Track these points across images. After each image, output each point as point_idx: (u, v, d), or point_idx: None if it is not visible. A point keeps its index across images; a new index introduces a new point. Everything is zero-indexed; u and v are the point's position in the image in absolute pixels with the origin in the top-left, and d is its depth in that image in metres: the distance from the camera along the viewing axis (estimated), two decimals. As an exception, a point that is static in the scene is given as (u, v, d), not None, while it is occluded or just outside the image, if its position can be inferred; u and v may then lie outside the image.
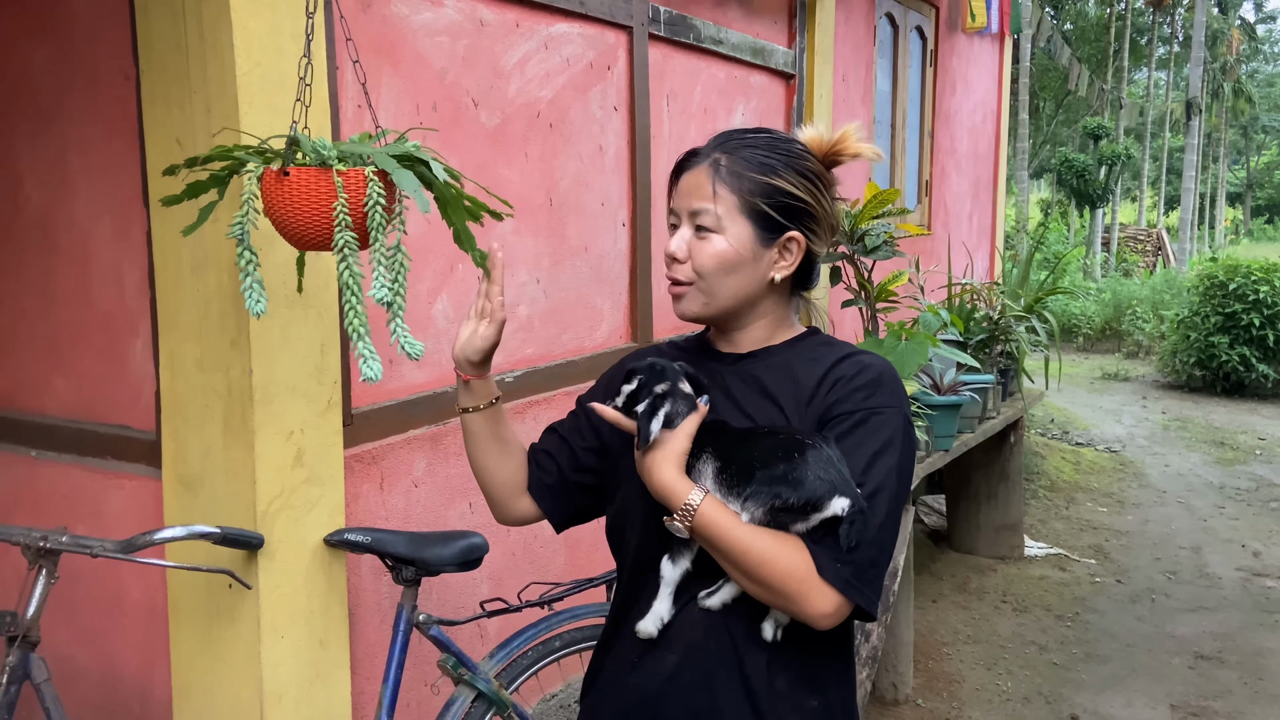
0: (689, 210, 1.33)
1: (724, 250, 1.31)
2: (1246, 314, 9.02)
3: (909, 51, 5.63)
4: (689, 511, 1.23)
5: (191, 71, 1.87)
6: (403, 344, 1.49)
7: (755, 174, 1.32)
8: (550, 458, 1.48)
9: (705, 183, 1.32)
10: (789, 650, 1.30)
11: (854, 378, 1.31)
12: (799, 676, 1.31)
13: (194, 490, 1.99)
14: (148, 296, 2.07)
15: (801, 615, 1.22)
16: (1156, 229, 22.82)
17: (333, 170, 1.45)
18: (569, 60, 2.83)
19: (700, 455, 1.27)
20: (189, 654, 2.04)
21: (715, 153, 1.34)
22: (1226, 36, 29.62)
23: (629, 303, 3.18)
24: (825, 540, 1.21)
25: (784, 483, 1.19)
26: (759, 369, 1.36)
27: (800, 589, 1.20)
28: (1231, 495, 6.27)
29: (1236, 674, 3.81)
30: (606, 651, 1.44)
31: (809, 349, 1.38)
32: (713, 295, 1.33)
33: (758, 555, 1.21)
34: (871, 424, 1.28)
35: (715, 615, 1.30)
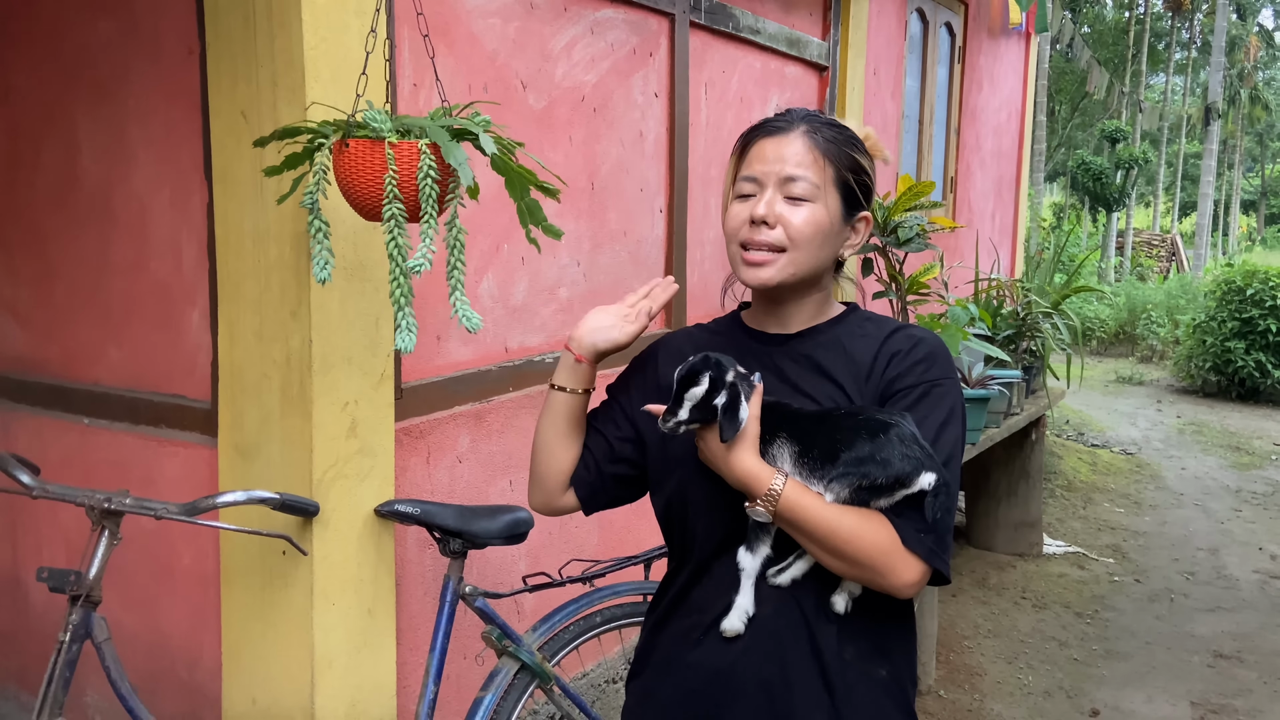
0: (781, 176, 1.31)
1: (822, 219, 1.32)
2: (1263, 319, 9.01)
3: (938, 47, 5.64)
4: (773, 497, 1.24)
5: (259, 46, 1.90)
6: (462, 317, 1.52)
7: (848, 149, 1.35)
8: (587, 450, 1.48)
9: (804, 150, 1.32)
10: (857, 621, 1.32)
11: (911, 351, 1.33)
12: (867, 646, 1.33)
13: (250, 458, 2.02)
14: (205, 267, 2.10)
15: (887, 586, 1.25)
16: (1171, 234, 22.76)
17: (385, 142, 1.48)
18: (613, 45, 2.86)
19: (773, 440, 1.28)
20: (240, 619, 2.07)
21: (804, 124, 1.34)
22: (1245, 43, 29.49)
23: (665, 288, 3.20)
24: (906, 512, 1.24)
25: (872, 463, 1.22)
26: (810, 348, 1.37)
27: (888, 561, 1.23)
28: (1248, 499, 6.28)
29: (1256, 673, 3.83)
30: (661, 631, 1.44)
31: (856, 325, 1.39)
32: (800, 265, 1.33)
33: (846, 533, 1.23)
34: (934, 395, 1.31)
35: (784, 590, 1.31)
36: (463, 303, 1.53)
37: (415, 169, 1.48)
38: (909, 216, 3.34)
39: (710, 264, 3.48)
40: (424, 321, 2.29)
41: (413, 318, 1.50)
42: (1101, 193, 18.21)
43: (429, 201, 1.47)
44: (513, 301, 2.57)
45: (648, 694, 1.44)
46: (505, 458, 2.55)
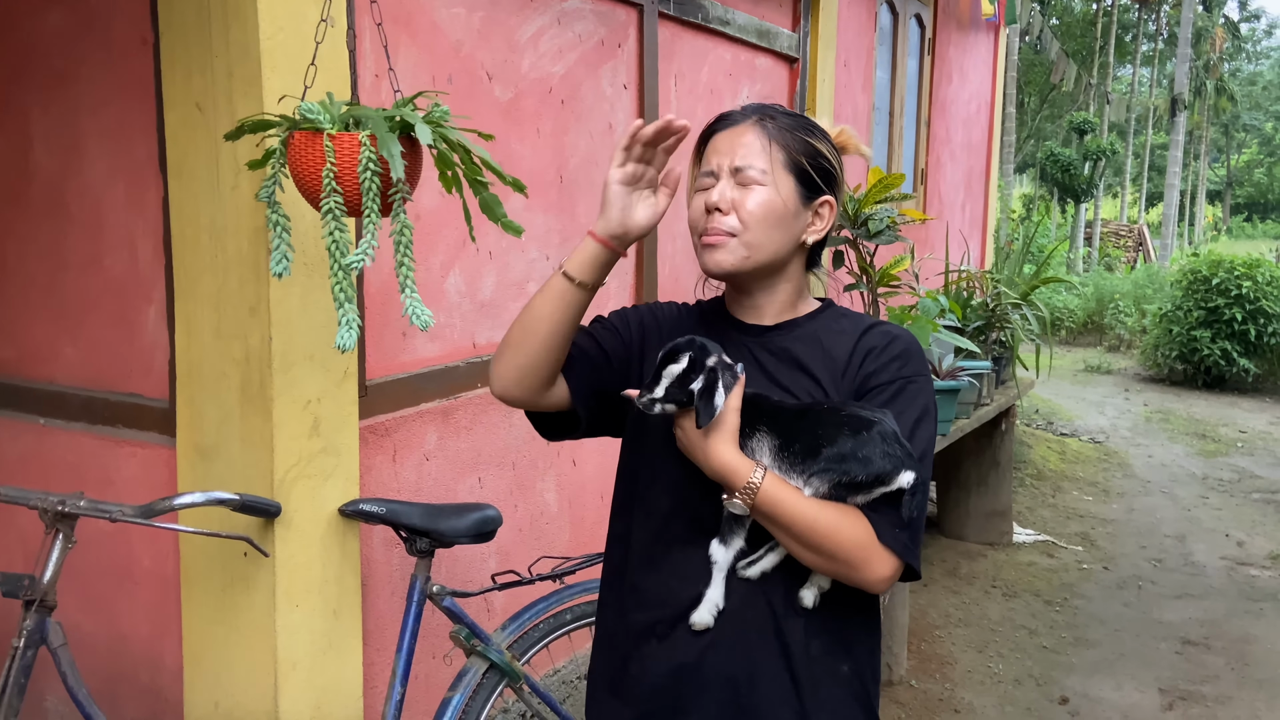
0: (732, 166, 1.33)
1: (773, 200, 1.32)
2: (1229, 309, 9.13)
3: (908, 39, 5.64)
4: (752, 490, 1.24)
5: (213, 37, 1.85)
6: (413, 315, 1.49)
7: (801, 134, 1.36)
8: (595, 342, 1.43)
9: (753, 138, 1.34)
10: (823, 615, 1.32)
11: (886, 348, 1.35)
12: (831, 641, 1.33)
13: (209, 458, 1.98)
14: (162, 263, 2.05)
15: (860, 581, 1.26)
16: (1138, 225, 23.02)
17: (324, 134, 1.45)
18: (581, 36, 2.82)
19: (754, 433, 1.27)
20: (202, 622, 2.03)
21: (755, 115, 1.36)
22: (1210, 34, 29.84)
23: (635, 282, 3.18)
24: (881, 508, 1.25)
25: (854, 460, 1.22)
26: (788, 341, 1.38)
27: (864, 556, 1.24)
28: (1214, 486, 6.36)
29: (1223, 660, 3.87)
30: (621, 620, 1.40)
31: (832, 320, 1.40)
32: (754, 248, 1.33)
33: (823, 528, 1.23)
34: (909, 392, 1.32)
35: (752, 584, 1.31)
36: (413, 300, 1.50)
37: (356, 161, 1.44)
38: (879, 209, 3.34)
39: (681, 257, 3.46)
40: (388, 318, 2.26)
41: (355, 314, 1.47)
42: (1070, 184, 18.37)
43: (369, 195, 1.43)
44: (480, 297, 2.54)
45: (611, 684, 1.42)
46: (474, 455, 2.52)
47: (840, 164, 1.40)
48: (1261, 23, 40.86)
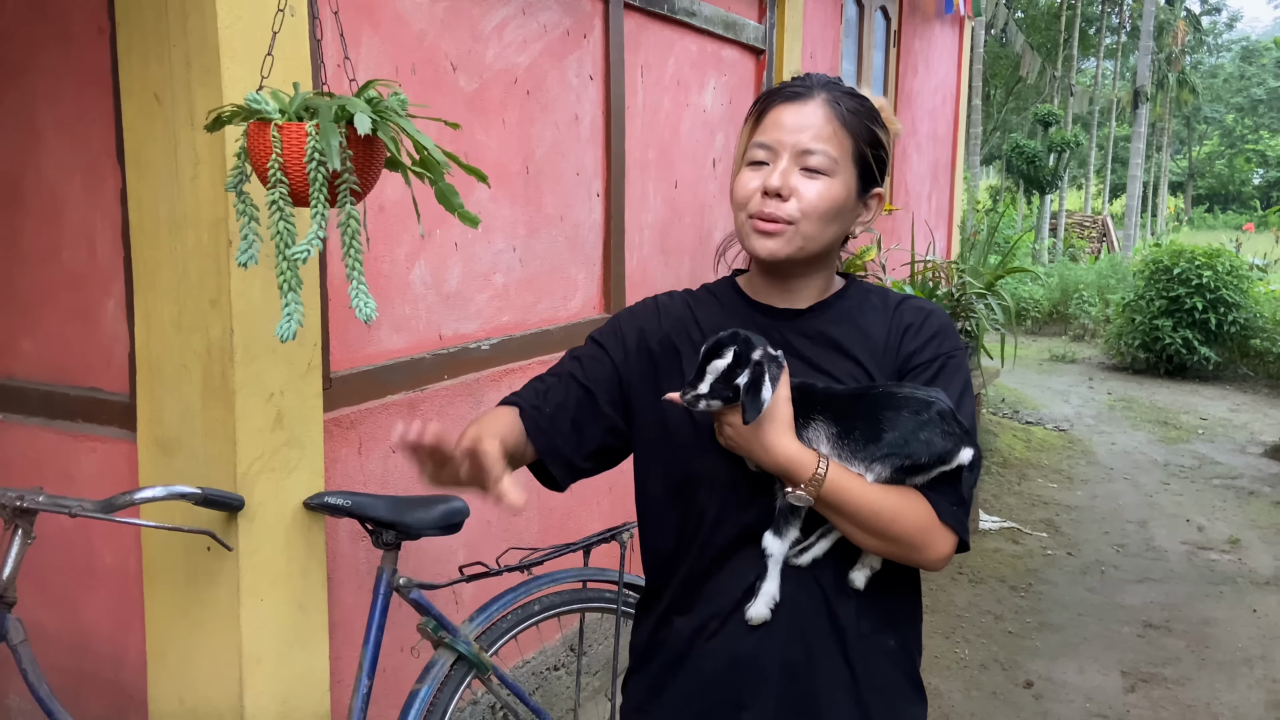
0: (799, 148, 1.25)
1: (838, 194, 1.27)
2: (1190, 298, 9.27)
3: (873, 32, 5.68)
4: (819, 481, 1.20)
5: (171, 26, 1.83)
6: (357, 306, 1.48)
7: (868, 122, 1.29)
8: (566, 418, 1.35)
9: (823, 121, 1.26)
10: (871, 593, 1.30)
11: (923, 325, 1.32)
12: (881, 618, 1.32)
13: (171, 452, 1.96)
14: (121, 255, 2.03)
15: (922, 561, 1.26)
16: (1102, 216, 23.30)
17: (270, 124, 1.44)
18: (546, 27, 2.81)
19: (809, 422, 1.24)
20: (165, 617, 2.01)
21: (824, 91, 1.27)
22: (1173, 27, 30.22)
23: (602, 273, 3.18)
24: (940, 487, 1.25)
25: (916, 442, 1.21)
26: (823, 324, 1.33)
27: (926, 538, 1.23)
28: (1175, 472, 6.46)
29: (1183, 642, 3.95)
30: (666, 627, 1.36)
31: (861, 297, 1.36)
32: (811, 239, 1.28)
33: (889, 514, 1.22)
34: (950, 368, 1.31)
35: (804, 569, 1.29)
36: (359, 291, 1.48)
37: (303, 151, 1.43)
38: (845, 199, 3.37)
39: (649, 248, 3.47)
40: (352, 310, 2.24)
41: (298, 305, 1.45)
42: (1035, 175, 18.55)
43: (315, 185, 1.42)
44: (446, 288, 2.53)
45: (656, 689, 1.37)
46: (440, 446, 2.51)
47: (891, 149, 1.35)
48: (1223, 16, 41.44)
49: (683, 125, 3.62)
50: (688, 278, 3.75)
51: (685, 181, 3.68)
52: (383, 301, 2.34)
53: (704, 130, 3.78)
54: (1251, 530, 5.32)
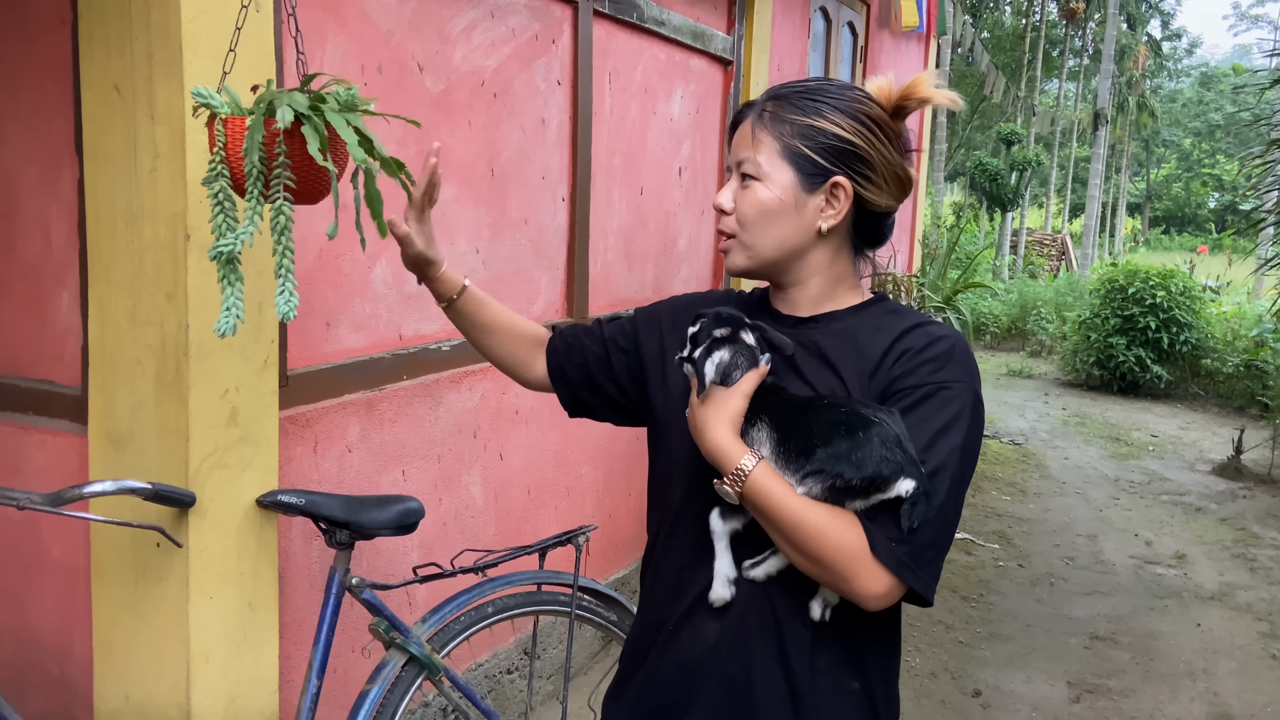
0: (736, 161, 1.30)
1: (765, 198, 1.27)
2: (1143, 317, 9.45)
3: (840, 46, 5.74)
4: (740, 477, 1.19)
5: (134, 18, 1.81)
6: (279, 301, 1.46)
7: (797, 116, 1.27)
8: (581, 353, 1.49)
9: (747, 131, 1.29)
10: (834, 628, 1.25)
11: (923, 350, 1.24)
12: (841, 655, 1.27)
13: (122, 447, 1.94)
14: (76, 247, 2.01)
15: (851, 594, 1.18)
16: (1061, 234, 23.68)
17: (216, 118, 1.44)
18: (514, 30, 2.82)
19: (755, 422, 1.23)
20: (112, 613, 1.99)
21: (765, 102, 1.31)
22: (1134, 52, 30.84)
23: (566, 277, 3.19)
24: (881, 518, 1.17)
25: (846, 461, 1.15)
26: (819, 334, 1.30)
27: (851, 566, 1.15)
28: (1125, 488, 6.59)
29: (1129, 654, 4.02)
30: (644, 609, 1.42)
31: (874, 317, 1.31)
32: (754, 247, 1.29)
33: (810, 529, 1.16)
34: (938, 399, 1.21)
35: (758, 585, 1.26)
36: (285, 288, 1.47)
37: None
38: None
39: (614, 253, 3.48)
40: (311, 307, 2.23)
41: (238, 300, 1.44)
42: (997, 193, 18.81)
43: (250, 179, 1.42)
44: (408, 288, 2.52)
45: (626, 678, 1.42)
46: (398, 447, 2.51)
47: (876, 131, 1.26)
48: (1183, 42, 42.37)
49: (650, 133, 3.65)
50: (651, 283, 3.77)
51: (651, 188, 3.70)
52: (343, 300, 2.33)
53: (671, 138, 3.80)
54: (1197, 546, 5.44)
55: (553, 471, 3.17)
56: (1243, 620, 4.43)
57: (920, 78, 1.26)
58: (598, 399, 1.51)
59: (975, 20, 26.18)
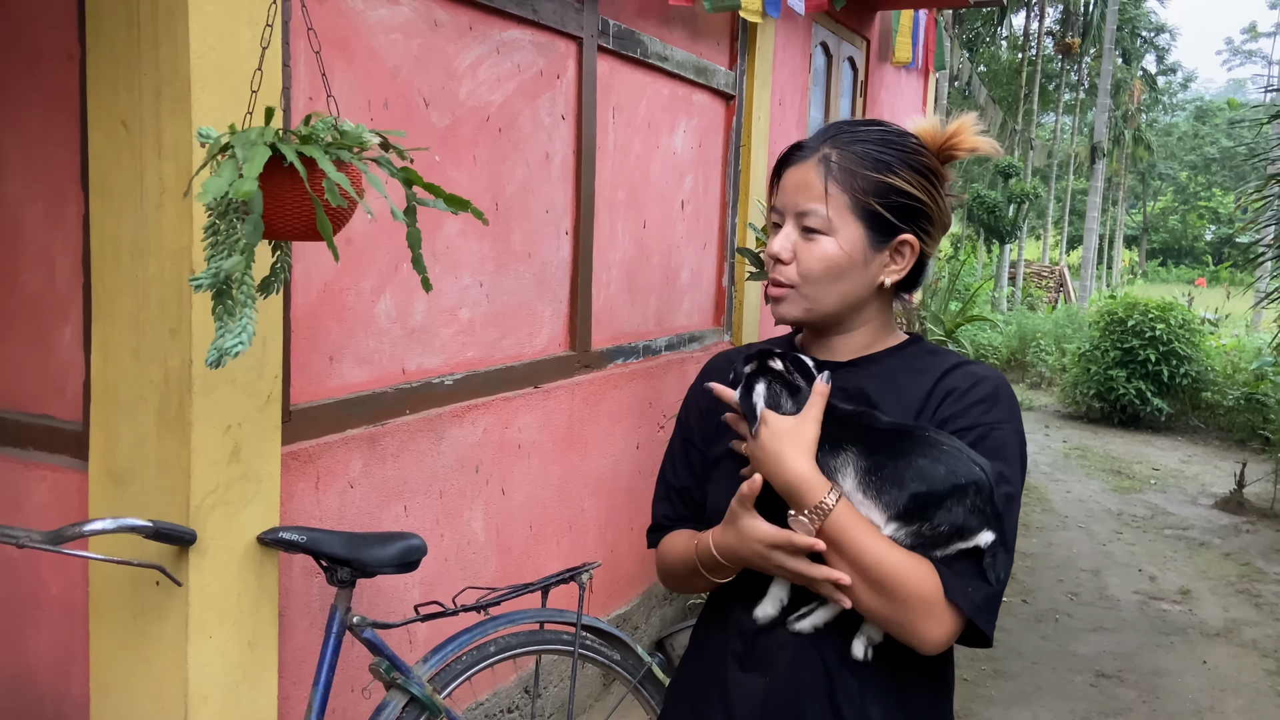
0: (796, 210, 1.25)
1: (834, 254, 1.23)
2: (1143, 349, 9.45)
3: (840, 80, 5.78)
4: (823, 512, 1.14)
5: (142, 54, 1.82)
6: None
7: (870, 171, 1.23)
8: (686, 496, 1.42)
9: (815, 180, 1.23)
10: (884, 677, 1.23)
11: (970, 391, 1.23)
12: (893, 705, 1.23)
13: (123, 483, 1.92)
14: (80, 282, 2.00)
15: (916, 636, 1.15)
16: (1059, 266, 23.78)
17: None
18: (520, 66, 2.84)
19: (839, 451, 1.18)
20: (110, 653, 1.96)
21: (825, 147, 1.25)
22: (1129, 86, 31.11)
23: (569, 311, 3.19)
24: (954, 564, 1.15)
25: (940, 508, 1.13)
26: (862, 379, 1.27)
27: (926, 609, 1.13)
28: (1128, 522, 6.55)
29: (1135, 692, 3.98)
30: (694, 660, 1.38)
31: (915, 357, 1.30)
32: (816, 301, 1.26)
33: (890, 568, 1.13)
34: (991, 440, 1.20)
35: (805, 639, 1.23)
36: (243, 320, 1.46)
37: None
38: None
39: (616, 287, 3.48)
40: (314, 341, 2.23)
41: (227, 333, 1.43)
42: (995, 225, 18.90)
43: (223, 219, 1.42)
44: (411, 322, 2.52)
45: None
46: (400, 483, 2.49)
47: (936, 184, 1.27)
48: (1178, 76, 42.77)
49: (653, 167, 3.66)
50: (654, 316, 3.77)
51: (654, 222, 3.71)
52: (346, 334, 2.32)
53: (674, 172, 3.82)
54: (1202, 581, 5.40)
55: (555, 506, 3.14)
56: (1249, 657, 4.38)
57: (964, 124, 1.26)
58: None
59: (972, 55, 26.44)
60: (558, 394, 3.11)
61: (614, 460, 3.48)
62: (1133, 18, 30.97)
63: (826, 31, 5.47)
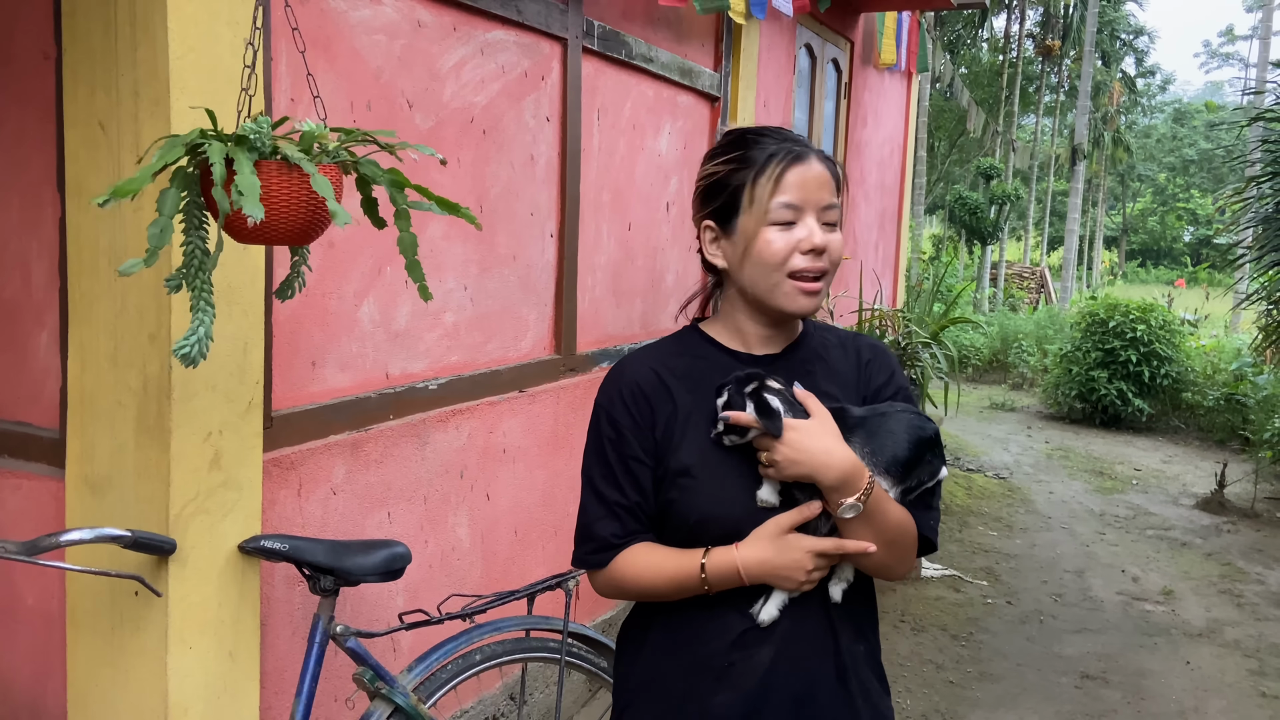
0: (821, 204, 1.34)
1: (840, 247, 1.38)
2: (1124, 350, 9.51)
3: (825, 83, 5.78)
4: (868, 492, 1.27)
5: (120, 54, 1.79)
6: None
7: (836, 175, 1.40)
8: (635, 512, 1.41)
9: (830, 179, 1.36)
10: (851, 608, 1.39)
11: (881, 360, 1.46)
12: (856, 628, 1.41)
13: (101, 492, 1.89)
14: (57, 286, 1.96)
15: (899, 572, 1.36)
16: (1040, 267, 23.91)
17: None
18: (504, 68, 2.81)
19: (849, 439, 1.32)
20: (88, 664, 1.92)
21: (812, 151, 1.38)
22: (1109, 88, 31.34)
23: (554, 314, 3.16)
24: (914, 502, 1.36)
25: (922, 463, 1.33)
26: (797, 365, 1.41)
27: (912, 549, 1.35)
28: (1111, 522, 6.58)
29: (1120, 693, 3.99)
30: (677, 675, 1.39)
31: (819, 337, 1.47)
32: (827, 289, 1.40)
33: (904, 527, 1.32)
34: (905, 392, 1.45)
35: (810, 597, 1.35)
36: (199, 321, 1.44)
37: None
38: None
39: (602, 289, 3.46)
40: (296, 346, 2.19)
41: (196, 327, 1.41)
42: (977, 226, 19.00)
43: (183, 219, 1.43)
44: (395, 326, 2.49)
45: None
46: (384, 489, 2.46)
47: None
48: (1156, 79, 43.10)
49: (638, 168, 3.64)
50: (639, 319, 3.75)
51: (639, 224, 3.69)
52: (329, 339, 2.29)
53: (659, 174, 3.80)
54: (1184, 582, 5.43)
55: (540, 511, 3.12)
56: (1231, 657, 4.41)
57: None
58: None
59: (953, 57, 26.57)
60: (543, 398, 3.09)
61: (599, 464, 3.45)
62: (1112, 20, 31.20)
63: (811, 33, 5.46)
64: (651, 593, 1.39)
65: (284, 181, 1.40)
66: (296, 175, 1.40)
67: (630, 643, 1.48)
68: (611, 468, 1.40)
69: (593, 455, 1.43)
